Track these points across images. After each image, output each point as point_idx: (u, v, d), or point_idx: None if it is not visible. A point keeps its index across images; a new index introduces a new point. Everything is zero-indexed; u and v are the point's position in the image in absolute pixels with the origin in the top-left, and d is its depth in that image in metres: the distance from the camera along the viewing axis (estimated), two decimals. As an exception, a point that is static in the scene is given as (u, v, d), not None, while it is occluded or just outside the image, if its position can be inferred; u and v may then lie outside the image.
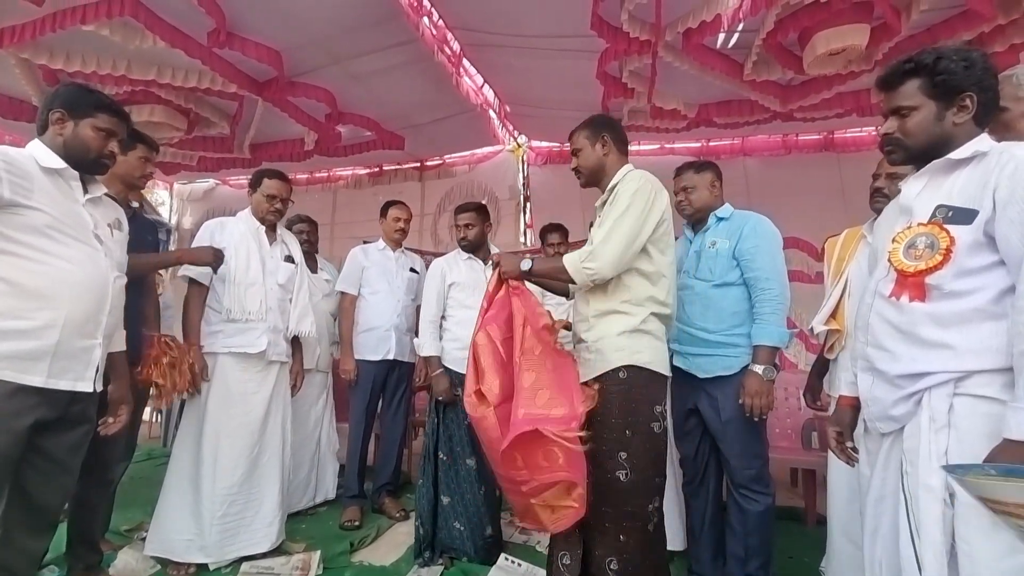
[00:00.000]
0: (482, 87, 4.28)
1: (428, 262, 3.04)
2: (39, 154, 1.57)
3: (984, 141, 1.19)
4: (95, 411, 1.69)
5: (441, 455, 2.48)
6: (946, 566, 1.05)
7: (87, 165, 1.65)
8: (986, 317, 1.11)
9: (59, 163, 1.57)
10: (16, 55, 3.42)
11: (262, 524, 2.42)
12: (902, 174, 1.72)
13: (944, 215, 1.17)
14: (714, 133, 4.73)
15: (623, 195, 1.72)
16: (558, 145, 5.33)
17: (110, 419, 1.77)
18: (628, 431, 1.67)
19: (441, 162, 5.84)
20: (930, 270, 1.15)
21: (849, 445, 1.48)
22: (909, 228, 1.22)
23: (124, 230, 1.81)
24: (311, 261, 3.24)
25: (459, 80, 3.86)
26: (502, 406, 1.69)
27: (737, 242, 2.07)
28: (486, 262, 2.65)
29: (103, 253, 1.63)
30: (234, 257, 2.42)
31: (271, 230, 2.61)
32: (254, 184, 2.57)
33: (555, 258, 1.85)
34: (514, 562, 2.28)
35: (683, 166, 2.29)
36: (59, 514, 1.69)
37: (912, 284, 1.18)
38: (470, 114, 4.42)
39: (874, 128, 4.48)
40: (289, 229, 2.91)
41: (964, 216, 1.14)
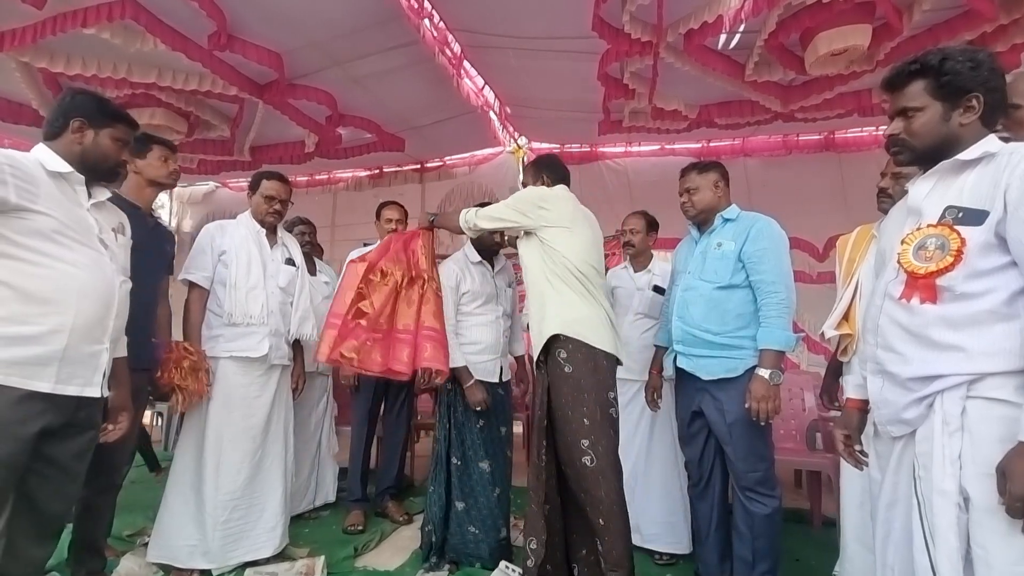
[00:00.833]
0: (483, 89, 4.26)
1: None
2: (45, 158, 1.56)
3: (993, 142, 1.18)
4: (101, 416, 1.68)
5: (454, 460, 2.44)
6: (961, 572, 1.04)
7: (102, 173, 1.66)
8: (998, 319, 1.09)
9: (65, 167, 1.57)
10: (17, 58, 3.41)
11: (265, 529, 2.41)
12: (907, 174, 1.71)
13: (954, 216, 1.16)
14: (714, 134, 4.72)
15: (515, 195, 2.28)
16: (559, 147, 5.33)
17: (109, 426, 1.75)
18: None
19: (441, 164, 5.83)
20: (941, 272, 1.14)
21: (857, 448, 1.47)
22: (919, 230, 1.20)
23: (127, 235, 1.80)
24: (309, 263, 3.22)
25: (460, 82, 3.84)
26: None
27: (743, 244, 2.05)
28: (494, 267, 2.69)
29: (108, 257, 1.62)
30: (235, 261, 2.40)
31: (271, 232, 2.60)
32: (253, 186, 2.57)
33: (453, 213, 2.49)
34: (514, 571, 2.26)
35: (687, 167, 2.27)
36: (65, 521, 1.68)
37: (923, 286, 1.17)
38: (471, 116, 4.40)
39: (875, 128, 4.47)
40: (289, 231, 2.90)
41: (975, 217, 1.13)
